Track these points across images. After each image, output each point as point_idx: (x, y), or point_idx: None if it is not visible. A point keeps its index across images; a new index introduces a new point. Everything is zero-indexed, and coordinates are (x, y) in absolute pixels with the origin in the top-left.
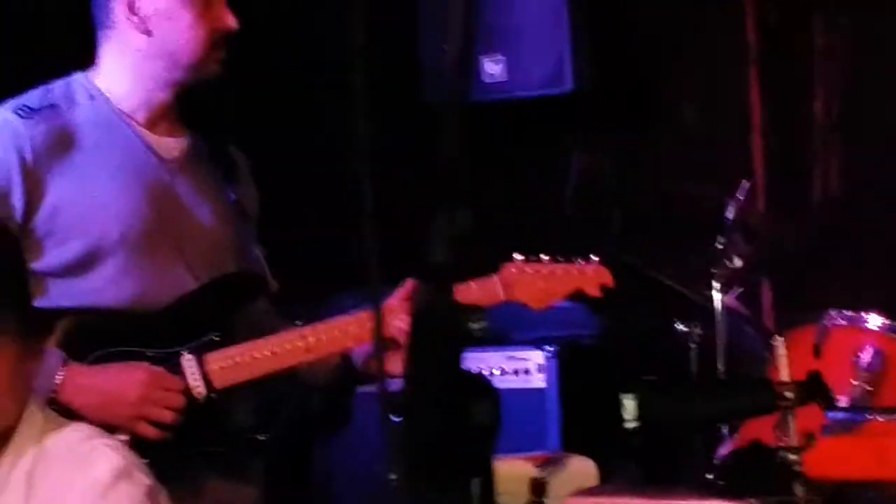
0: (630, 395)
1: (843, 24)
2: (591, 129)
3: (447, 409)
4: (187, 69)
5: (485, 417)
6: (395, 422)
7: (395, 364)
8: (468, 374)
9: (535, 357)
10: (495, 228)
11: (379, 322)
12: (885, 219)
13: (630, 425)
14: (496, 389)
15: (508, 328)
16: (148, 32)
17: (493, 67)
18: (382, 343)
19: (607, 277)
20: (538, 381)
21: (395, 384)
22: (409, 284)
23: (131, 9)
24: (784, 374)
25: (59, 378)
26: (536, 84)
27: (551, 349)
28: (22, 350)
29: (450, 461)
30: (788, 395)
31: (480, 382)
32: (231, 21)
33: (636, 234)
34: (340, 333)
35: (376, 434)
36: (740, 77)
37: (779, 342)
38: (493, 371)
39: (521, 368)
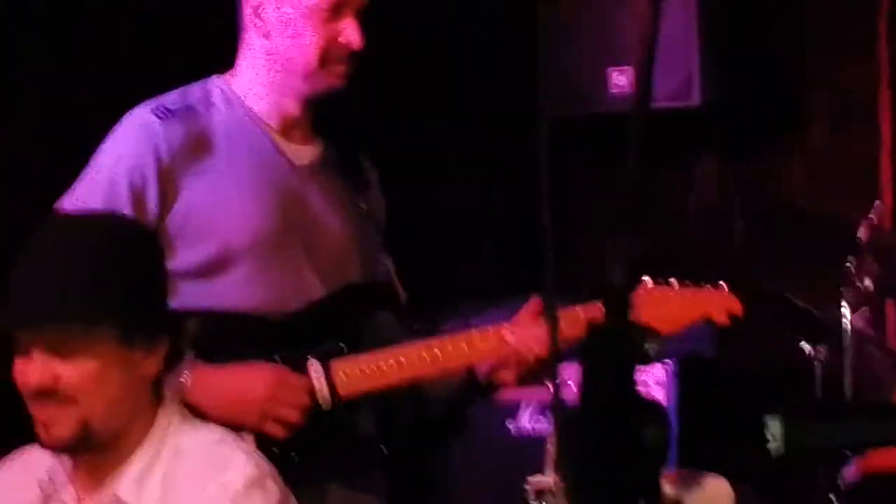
0: (776, 417)
1: None
2: (717, 144)
3: (619, 430)
4: (304, 79)
5: (655, 441)
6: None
7: (506, 376)
8: (641, 396)
9: (655, 371)
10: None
11: (555, 334)
12: None
13: (774, 448)
14: (667, 414)
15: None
16: (268, 37)
17: (619, 78)
18: (555, 355)
19: (736, 305)
20: (657, 395)
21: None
22: (535, 300)
23: (257, 12)
24: None
25: (186, 378)
26: (663, 96)
27: (671, 364)
28: (128, 352)
29: (618, 482)
30: None
31: (652, 405)
32: (353, 38)
33: (761, 250)
34: (467, 347)
35: (497, 443)
36: (871, 98)
37: None
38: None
39: (640, 382)
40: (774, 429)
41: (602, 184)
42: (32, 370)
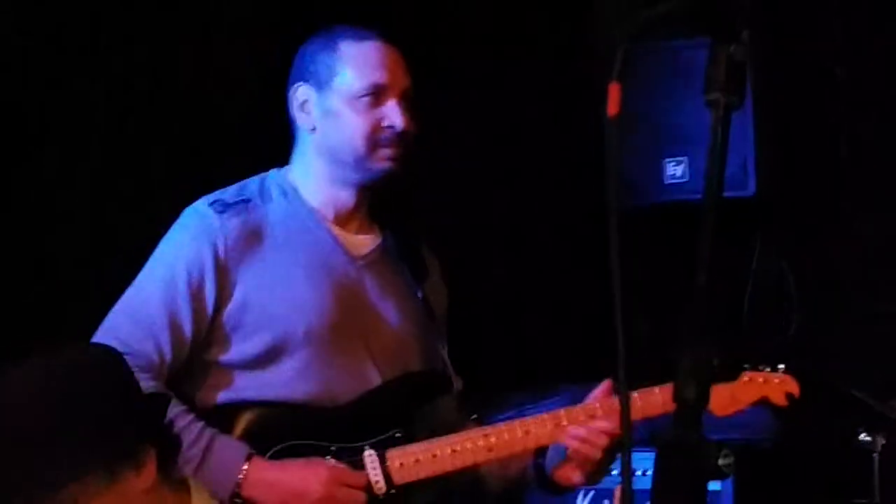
0: None
1: None
2: (773, 234)
3: None
4: (354, 168)
5: None
6: None
7: (571, 474)
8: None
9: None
10: (676, 328)
11: (627, 419)
12: None
13: None
14: None
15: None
16: (313, 129)
17: (674, 168)
18: (628, 442)
19: (794, 387)
20: (713, 483)
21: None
22: (607, 385)
23: (303, 108)
24: None
25: (242, 473)
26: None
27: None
28: (120, 481)
29: None
30: None
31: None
32: (398, 121)
33: (818, 340)
34: (522, 434)
35: None
36: None
37: None
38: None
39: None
40: None
41: (658, 271)
42: None
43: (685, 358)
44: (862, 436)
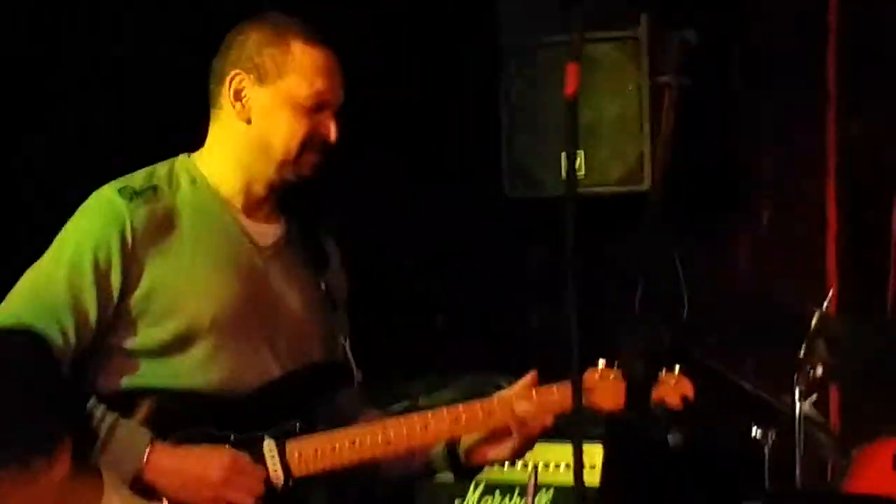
0: None
1: None
2: (666, 228)
3: None
4: (279, 166)
5: None
6: None
7: (504, 450)
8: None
9: (594, 452)
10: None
11: (578, 403)
12: None
13: None
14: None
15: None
16: (247, 121)
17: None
18: (578, 428)
19: (689, 389)
20: (594, 476)
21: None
22: (532, 376)
23: (237, 96)
24: None
25: (145, 457)
26: (614, 181)
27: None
28: (31, 474)
29: None
30: None
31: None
32: (331, 132)
33: (709, 335)
34: (421, 429)
35: None
36: (817, 182)
37: None
38: (550, 465)
39: (588, 465)
40: None
41: (552, 260)
42: None
43: (633, 338)
44: (754, 431)
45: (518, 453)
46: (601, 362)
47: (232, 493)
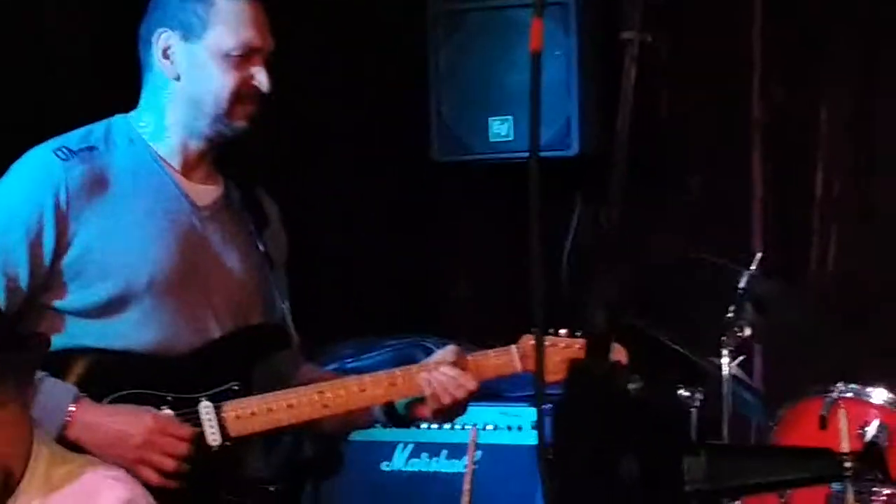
0: (695, 458)
1: (846, 100)
2: (595, 192)
3: (598, 465)
4: (213, 120)
5: (631, 475)
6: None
7: (424, 411)
8: (618, 432)
9: (529, 413)
10: (497, 286)
11: (541, 369)
12: (885, 293)
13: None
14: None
15: (503, 384)
16: (176, 78)
17: (499, 127)
18: (541, 392)
19: (623, 356)
20: (531, 437)
21: None
22: (455, 348)
23: (165, 53)
24: (844, 445)
25: (69, 414)
26: (543, 145)
27: (546, 406)
28: (23, 400)
29: None
30: (848, 465)
31: (629, 441)
32: (262, 80)
33: (639, 297)
34: (358, 391)
35: (371, 483)
36: (744, 148)
37: (841, 414)
38: (487, 426)
39: (515, 425)
40: (695, 467)
41: (482, 226)
42: None
43: (595, 287)
44: (681, 390)
45: (438, 419)
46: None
47: (153, 454)
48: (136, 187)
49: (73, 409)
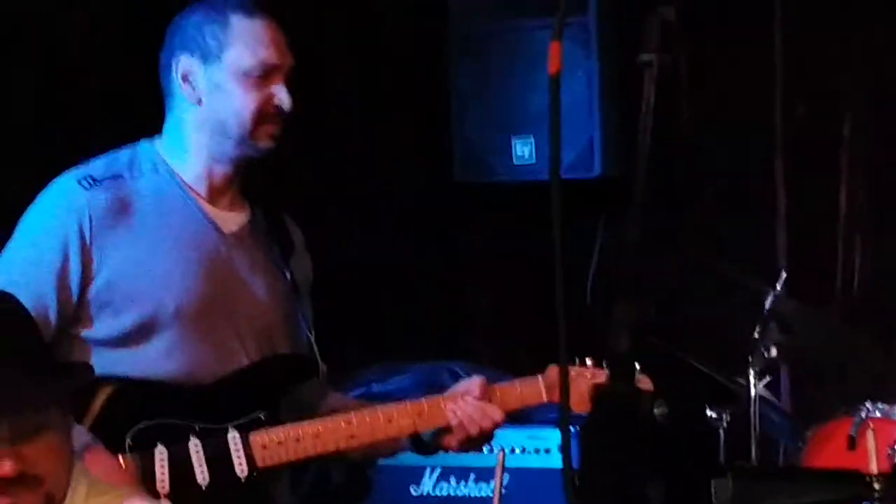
0: (723, 480)
1: (869, 115)
2: (618, 213)
3: (625, 490)
4: (237, 143)
5: (659, 499)
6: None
7: (451, 441)
8: (645, 456)
9: (557, 437)
10: (520, 307)
11: (566, 400)
12: None
13: None
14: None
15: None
16: (198, 102)
17: (522, 149)
18: (566, 416)
19: (649, 386)
20: (559, 461)
21: None
22: (481, 381)
23: (185, 78)
24: (872, 466)
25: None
26: (565, 167)
27: (573, 429)
28: (66, 428)
29: None
30: (878, 486)
31: (655, 467)
32: (284, 99)
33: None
34: (385, 422)
35: None
36: (767, 165)
37: (869, 434)
38: (514, 450)
39: (543, 448)
40: (723, 490)
41: (504, 247)
42: (3, 464)
43: (618, 310)
44: (709, 411)
45: (464, 449)
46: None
47: None
48: (162, 215)
49: (87, 454)
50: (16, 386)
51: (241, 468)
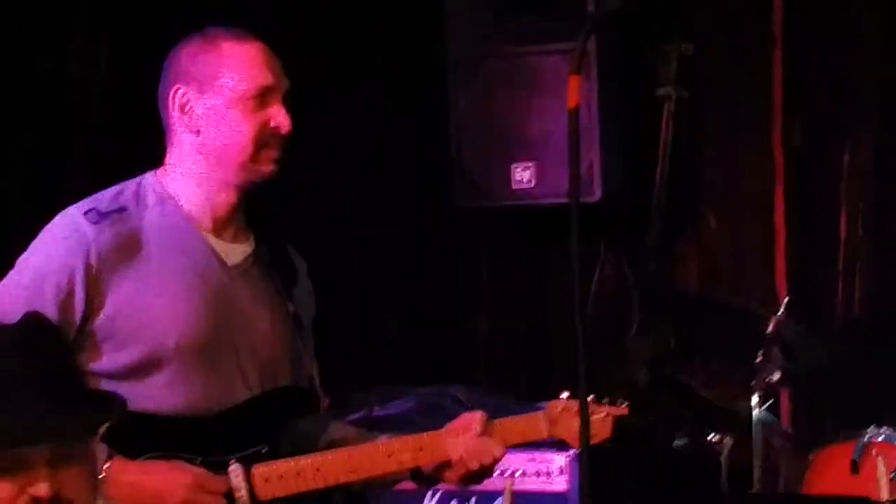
0: None
1: (868, 141)
2: (617, 238)
3: None
4: (238, 169)
5: None
6: None
7: (451, 476)
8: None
9: (558, 459)
10: (517, 330)
11: (586, 423)
12: None
13: None
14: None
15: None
16: (197, 132)
17: (521, 174)
18: (586, 444)
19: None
20: (560, 483)
21: None
22: (480, 416)
23: (182, 109)
24: (884, 493)
25: (104, 472)
26: (564, 192)
27: (573, 452)
28: (93, 457)
29: None
30: None
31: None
32: (283, 122)
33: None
34: (385, 457)
35: None
36: (766, 192)
37: (879, 461)
38: (515, 472)
39: (543, 470)
40: None
41: (500, 272)
42: (39, 486)
43: (637, 344)
44: (711, 436)
45: (465, 483)
46: (564, 395)
47: None
48: (166, 248)
49: (109, 466)
50: (59, 413)
51: (242, 502)
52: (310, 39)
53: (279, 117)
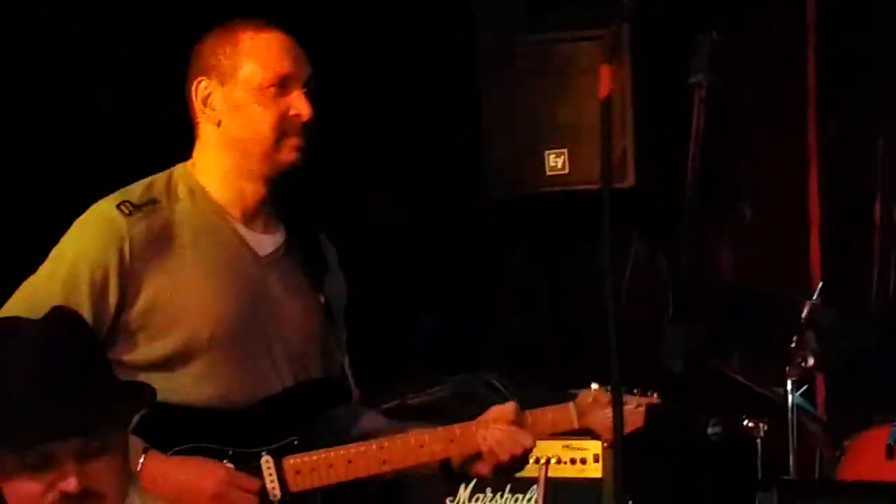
0: (768, 494)
1: None
2: (650, 224)
3: None
4: (262, 159)
5: None
6: None
7: (482, 468)
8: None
9: (593, 447)
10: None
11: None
12: None
13: None
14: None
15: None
16: (218, 124)
17: (555, 160)
18: (620, 436)
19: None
20: (594, 471)
21: None
22: (513, 406)
23: (205, 102)
24: None
25: (139, 466)
26: (597, 178)
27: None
28: (125, 449)
29: None
30: None
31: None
32: (303, 109)
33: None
34: (416, 448)
35: None
36: (801, 178)
37: None
38: (550, 460)
39: (578, 458)
40: None
41: (533, 260)
42: (69, 481)
43: (672, 333)
44: (746, 421)
45: (496, 475)
46: (594, 386)
47: None
48: (198, 239)
49: (143, 460)
50: (86, 407)
51: (274, 493)
52: (342, 34)
53: (299, 105)
